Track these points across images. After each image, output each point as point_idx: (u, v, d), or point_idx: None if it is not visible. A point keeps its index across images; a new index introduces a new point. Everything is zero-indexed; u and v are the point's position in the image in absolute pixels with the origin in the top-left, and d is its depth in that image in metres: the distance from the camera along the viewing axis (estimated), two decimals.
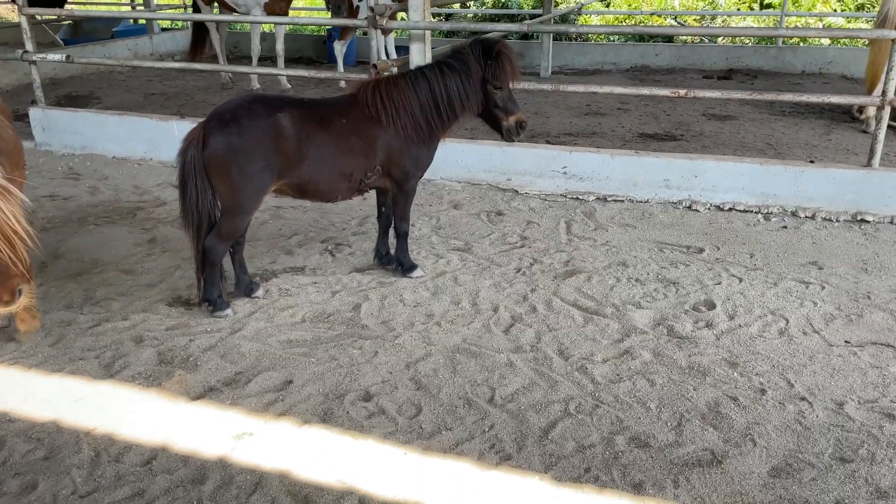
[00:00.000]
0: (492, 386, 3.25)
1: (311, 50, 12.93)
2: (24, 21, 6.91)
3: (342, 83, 9.62)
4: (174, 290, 4.21)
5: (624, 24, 13.64)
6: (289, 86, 9.65)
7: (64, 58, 7.01)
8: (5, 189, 2.74)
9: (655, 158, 5.52)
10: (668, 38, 12.62)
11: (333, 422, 3.02)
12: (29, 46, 6.95)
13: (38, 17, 9.88)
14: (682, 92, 5.22)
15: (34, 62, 6.98)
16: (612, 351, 3.53)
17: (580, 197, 5.66)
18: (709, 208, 5.39)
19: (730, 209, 5.37)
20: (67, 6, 12.43)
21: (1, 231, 2.70)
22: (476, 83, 3.94)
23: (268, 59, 11.00)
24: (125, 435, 2.90)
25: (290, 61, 11.22)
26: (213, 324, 3.80)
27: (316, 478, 2.68)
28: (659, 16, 13.36)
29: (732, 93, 5.34)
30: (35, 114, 7.11)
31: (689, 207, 5.42)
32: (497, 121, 4.08)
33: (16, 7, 16.58)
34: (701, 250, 4.69)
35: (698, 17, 13.60)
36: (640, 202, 5.54)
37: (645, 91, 5.58)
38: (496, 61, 3.89)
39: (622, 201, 5.58)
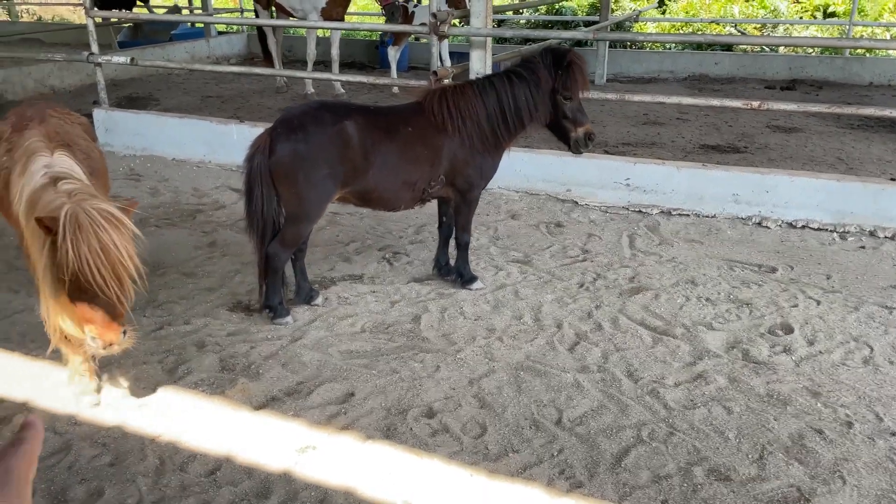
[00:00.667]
0: (559, 407, 3.14)
1: (364, 55, 12.98)
2: (90, 23, 7.04)
3: (394, 89, 9.61)
4: (234, 294, 4.19)
5: (681, 31, 13.36)
6: (343, 90, 9.67)
7: (128, 60, 7.12)
8: (119, 221, 2.50)
9: (724, 172, 5.33)
10: (728, 47, 12.31)
11: (397, 438, 2.94)
12: (94, 48, 7.08)
13: (103, 20, 10.10)
14: (756, 104, 5.02)
15: (99, 64, 7.12)
16: (684, 374, 3.38)
17: (643, 210, 5.50)
18: (780, 225, 5.18)
19: (803, 227, 5.15)
20: (123, 10, 12.71)
21: (112, 267, 2.46)
22: (545, 93, 3.84)
23: (321, 63, 11.06)
24: (190, 443, 2.87)
25: (343, 66, 11.25)
26: (274, 331, 3.77)
27: (381, 497, 2.61)
28: (718, 23, 13.05)
29: (808, 105, 5.11)
30: (98, 115, 7.24)
31: (760, 224, 5.22)
32: (565, 132, 3.97)
33: (77, 9, 17.08)
34: (774, 270, 4.49)
35: (759, 26, 13.24)
36: (707, 217, 5.36)
37: (714, 102, 5.39)
38: (567, 71, 3.78)
39: (687, 215, 5.40)
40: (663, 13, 15.31)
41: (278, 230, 3.76)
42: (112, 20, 12.27)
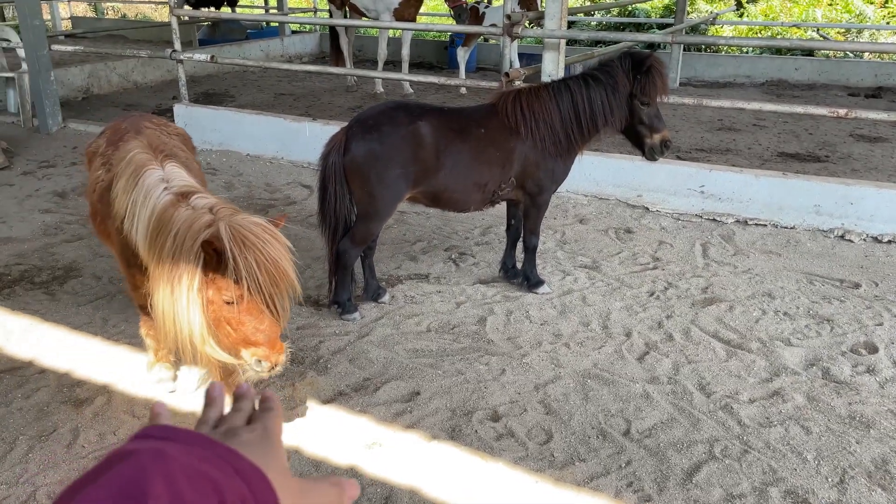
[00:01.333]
0: (627, 418, 3.07)
1: (433, 55, 13.05)
2: (174, 21, 7.30)
3: (462, 89, 9.62)
4: (304, 289, 4.23)
5: (759, 35, 12.93)
6: (411, 90, 9.75)
7: (208, 58, 7.35)
8: (276, 234, 2.32)
9: (805, 182, 5.12)
10: (809, 52, 11.85)
11: (462, 440, 2.93)
12: (177, 46, 7.34)
13: (185, 18, 10.46)
14: (842, 112, 4.81)
15: (181, 61, 7.37)
16: (759, 391, 3.26)
17: (717, 218, 5.34)
18: (864, 239, 4.95)
19: (889, 241, 4.90)
20: (211, 9, 13.13)
21: (280, 282, 2.28)
22: (622, 98, 3.77)
23: (391, 63, 11.18)
24: None
25: (412, 66, 11.34)
26: (342, 327, 3.82)
27: (445, 498, 2.60)
28: (799, 27, 12.57)
29: None
30: (179, 110, 7.50)
31: (842, 237, 4.99)
32: (640, 138, 3.89)
33: (158, 7, 17.75)
34: (857, 285, 4.29)
35: (843, 31, 12.70)
36: (786, 228, 5.16)
37: (798, 109, 5.18)
38: (646, 76, 3.70)
39: (765, 226, 5.21)
40: (741, 16, 14.85)
41: (349, 227, 3.80)
42: (191, 18, 12.69)
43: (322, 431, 2.96)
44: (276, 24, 13.98)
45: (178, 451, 0.52)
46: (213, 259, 2.25)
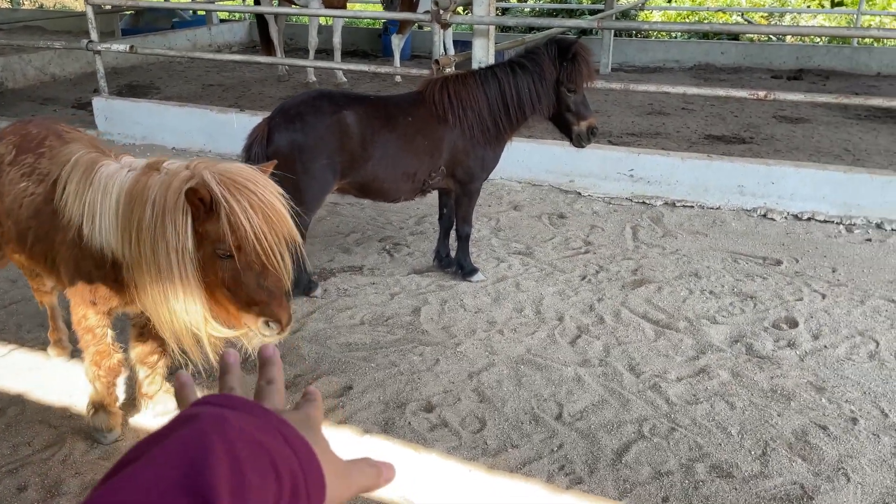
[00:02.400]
0: (559, 402, 3.10)
1: (367, 43, 12.89)
2: (89, 10, 6.98)
3: (397, 77, 9.53)
4: None
5: (687, 20, 13.23)
6: (344, 79, 9.60)
7: (127, 48, 7.06)
8: (266, 179, 2.09)
9: (729, 163, 5.26)
10: (735, 36, 12.19)
11: (395, 433, 2.90)
12: (94, 36, 7.02)
13: (104, 7, 10.03)
14: (762, 94, 4.95)
15: (98, 52, 7.06)
16: (686, 369, 3.34)
17: (647, 201, 5.44)
18: (786, 217, 5.11)
19: (808, 219, 5.08)
20: None
21: (279, 227, 2.05)
22: (549, 85, 3.77)
23: (323, 51, 10.98)
24: None
25: (345, 54, 11.17)
26: None
27: (379, 493, 2.57)
28: (725, 12, 12.92)
29: (815, 96, 5.04)
30: (98, 103, 7.19)
31: (765, 216, 5.15)
32: (568, 125, 3.91)
33: None
34: (779, 262, 4.44)
35: (766, 15, 13.10)
36: (712, 209, 5.30)
37: (720, 92, 5.32)
38: (572, 63, 3.72)
39: (692, 207, 5.34)
40: (669, 1, 15.16)
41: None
42: (113, 7, 12.18)
43: None
44: (204, 13, 13.56)
45: (236, 419, 0.54)
46: (202, 210, 2.01)
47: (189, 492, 0.47)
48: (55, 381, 3.20)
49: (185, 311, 2.13)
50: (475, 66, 5.76)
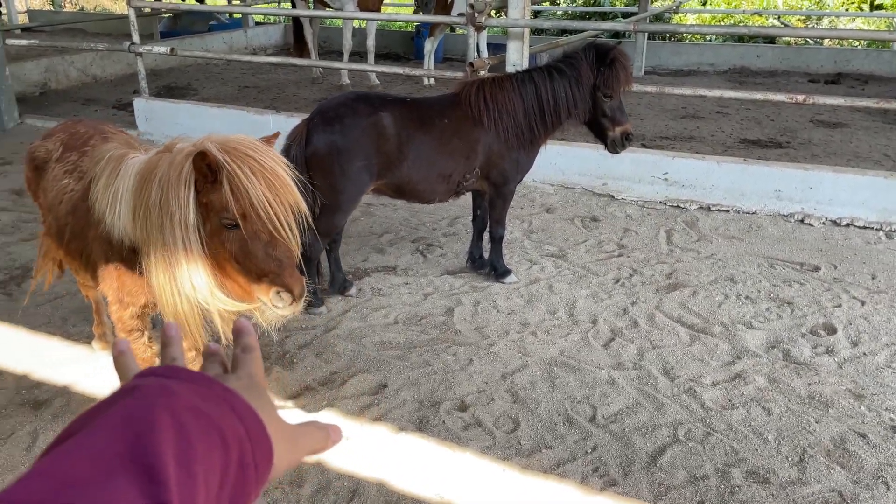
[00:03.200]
0: (593, 404, 3.10)
1: (399, 46, 12.97)
2: (132, 14, 7.14)
3: (430, 80, 9.58)
4: None
5: (722, 23, 13.09)
6: (377, 81, 9.68)
7: (168, 50, 7.21)
8: (268, 148, 2.07)
9: (766, 167, 5.21)
10: (771, 39, 12.02)
11: (429, 431, 2.93)
12: (135, 38, 7.18)
13: (144, 10, 10.24)
14: (800, 98, 4.89)
15: (140, 54, 7.22)
16: (722, 374, 3.31)
17: (681, 205, 5.40)
18: (823, 223, 5.04)
19: (847, 225, 5.01)
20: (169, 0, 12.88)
21: (284, 194, 2.00)
22: (586, 90, 3.78)
23: (356, 54, 11.09)
24: None
25: (378, 57, 11.26)
26: (308, 321, 3.79)
27: (413, 490, 2.60)
28: (761, 15, 12.75)
29: (854, 100, 4.97)
30: (139, 104, 7.35)
31: (802, 221, 5.09)
32: (603, 130, 3.91)
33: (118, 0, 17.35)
34: (816, 268, 4.38)
35: (803, 18, 12.91)
36: (748, 213, 5.24)
37: (758, 95, 5.26)
38: (610, 68, 3.72)
39: (727, 211, 5.29)
40: (704, 4, 15.01)
41: (314, 220, 3.77)
42: (152, 10, 12.44)
43: None
44: (240, 16, 13.78)
45: (181, 388, 0.53)
46: (206, 178, 1.99)
47: (134, 462, 0.46)
48: (99, 373, 3.29)
49: (191, 286, 2.09)
50: (509, 68, 5.79)
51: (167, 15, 13.83)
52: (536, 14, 13.67)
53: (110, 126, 2.95)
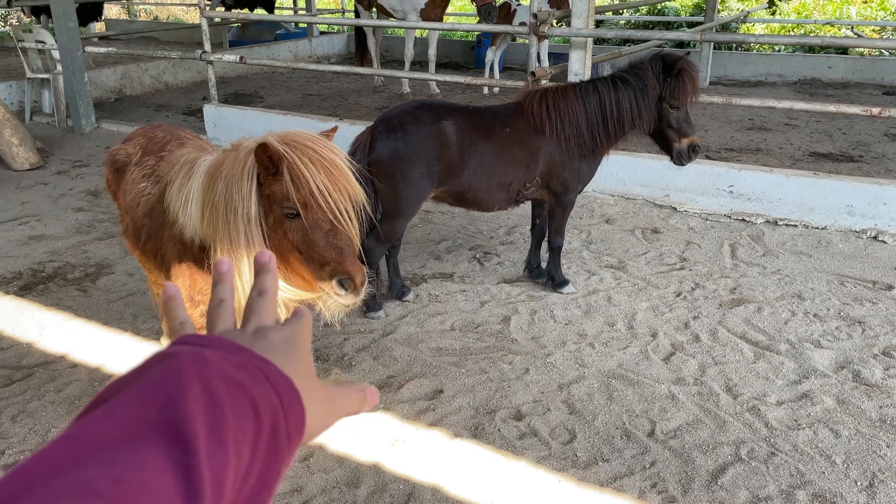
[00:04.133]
0: (652, 419, 3.05)
1: (459, 55, 13.06)
2: (204, 23, 7.40)
3: (493, 89, 9.61)
4: None
5: (791, 33, 12.72)
6: (437, 90, 9.77)
7: (237, 58, 7.44)
8: (327, 141, 2.12)
9: (837, 182, 5.03)
10: (843, 50, 11.62)
11: (484, 438, 2.94)
12: (207, 47, 7.44)
13: (215, 20, 10.60)
14: (876, 111, 4.71)
15: (211, 62, 7.47)
16: (788, 393, 3.21)
17: (747, 219, 5.27)
18: None
19: None
20: (245, 10, 13.29)
21: (343, 185, 2.05)
22: (651, 101, 3.73)
23: (417, 63, 11.21)
24: None
25: (439, 66, 11.35)
26: (367, 324, 3.85)
27: (468, 497, 2.61)
28: (832, 25, 12.34)
29: None
30: (208, 110, 7.61)
31: (875, 238, 4.89)
32: (668, 142, 3.86)
33: (189, 9, 18.00)
34: (890, 287, 4.20)
35: (878, 28, 12.44)
36: (817, 228, 5.07)
37: (830, 108, 5.09)
38: (677, 79, 3.67)
39: (795, 226, 5.13)
40: (773, 14, 14.62)
41: (374, 226, 3.83)
42: (222, 20, 12.86)
43: (346, 428, 2.99)
44: (305, 25, 14.11)
45: (214, 357, 0.53)
46: (268, 170, 2.06)
47: (164, 430, 0.46)
48: None
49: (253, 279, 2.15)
50: (571, 78, 5.76)
51: (236, 24, 14.28)
52: (599, 23, 13.55)
53: (186, 131, 3.07)
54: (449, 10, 14.32)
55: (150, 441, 0.45)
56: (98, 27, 16.41)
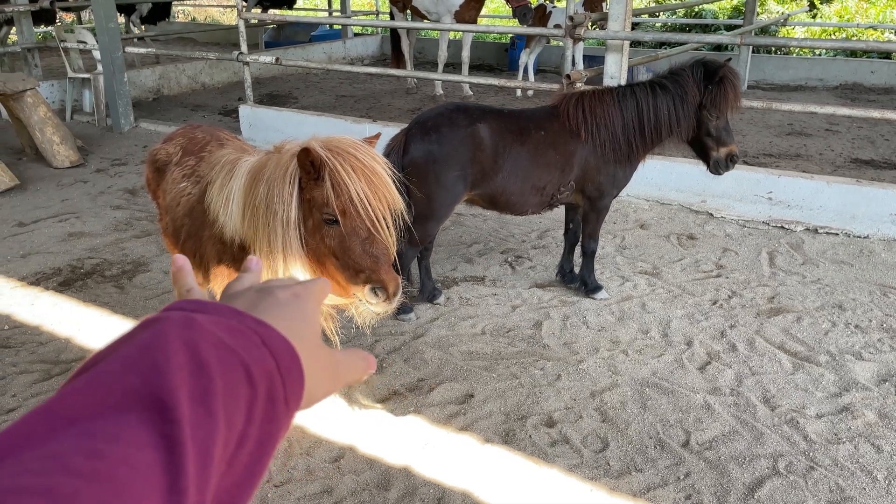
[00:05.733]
0: (686, 429, 2.99)
1: (493, 57, 13.03)
2: (241, 24, 7.49)
3: (528, 92, 9.57)
4: None
5: (833, 37, 12.45)
6: (470, 92, 9.75)
7: (273, 60, 7.52)
8: (368, 148, 2.12)
9: (881, 189, 4.90)
10: (887, 55, 11.32)
11: (515, 444, 2.91)
12: (244, 48, 7.52)
13: (251, 21, 10.73)
14: None
15: (247, 63, 7.55)
16: (827, 406, 3.13)
17: (786, 226, 5.15)
18: None
19: None
20: (275, 11, 13.43)
21: (382, 192, 2.06)
22: (691, 108, 3.66)
23: (450, 65, 11.21)
24: (315, 430, 2.98)
25: (472, 68, 11.34)
26: (397, 326, 3.85)
27: (499, 503, 2.58)
28: (876, 29, 12.04)
29: None
30: (244, 111, 7.69)
31: None
32: (706, 150, 3.79)
33: (226, 10, 18.25)
34: None
35: None
36: (859, 237, 4.94)
37: (875, 114, 4.95)
38: (718, 87, 3.60)
39: (836, 234, 5.00)
40: (814, 17, 14.33)
41: (407, 229, 3.82)
42: (259, 21, 13.01)
43: (376, 430, 2.99)
44: (339, 27, 14.21)
45: (205, 321, 0.50)
46: (310, 174, 2.07)
47: (147, 399, 0.44)
48: None
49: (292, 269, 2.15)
50: (607, 81, 5.70)
51: (271, 25, 14.43)
52: (635, 26, 13.41)
53: (226, 132, 3.10)
54: (483, 11, 14.31)
55: (132, 411, 0.43)
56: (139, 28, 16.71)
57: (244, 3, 7.89)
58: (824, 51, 11.85)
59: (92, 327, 3.83)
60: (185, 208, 2.72)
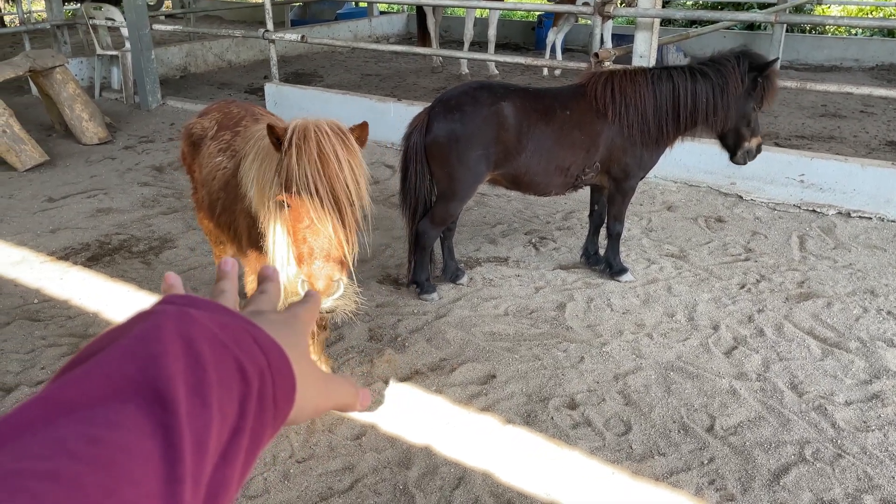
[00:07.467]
0: (711, 413, 2.96)
1: (519, 36, 12.87)
2: (267, 2, 7.47)
3: (556, 71, 9.44)
4: (384, 267, 4.32)
5: (870, 16, 12.09)
6: (496, 71, 9.65)
7: (299, 37, 7.49)
8: (347, 136, 2.08)
9: None
10: None
11: (537, 426, 2.90)
12: (269, 26, 7.50)
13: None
14: None
15: (273, 41, 7.54)
16: (857, 393, 3.07)
17: (817, 209, 5.04)
18: None
19: None
20: None
21: (330, 182, 2.00)
22: (730, 98, 3.59)
23: (476, 44, 11.09)
24: None
25: (498, 47, 11.20)
26: (420, 306, 3.84)
27: (520, 484, 2.58)
28: None
29: None
30: (269, 89, 7.69)
31: None
32: (739, 140, 3.74)
33: None
34: None
35: None
36: (893, 222, 4.82)
37: None
38: (767, 81, 3.56)
39: (869, 218, 4.88)
40: None
41: (429, 208, 3.80)
42: None
43: (398, 409, 2.99)
44: (365, 5, 14.12)
45: (199, 316, 0.51)
46: (279, 152, 2.08)
47: (144, 389, 0.44)
48: None
49: (274, 253, 2.18)
50: (636, 60, 5.60)
51: (297, 3, 14.38)
52: (665, 3, 13.13)
53: (260, 108, 3.11)
54: None
55: (130, 400, 0.43)
56: (165, 5, 16.78)
57: None
58: (860, 30, 11.51)
59: (119, 302, 3.88)
60: (221, 182, 2.74)
